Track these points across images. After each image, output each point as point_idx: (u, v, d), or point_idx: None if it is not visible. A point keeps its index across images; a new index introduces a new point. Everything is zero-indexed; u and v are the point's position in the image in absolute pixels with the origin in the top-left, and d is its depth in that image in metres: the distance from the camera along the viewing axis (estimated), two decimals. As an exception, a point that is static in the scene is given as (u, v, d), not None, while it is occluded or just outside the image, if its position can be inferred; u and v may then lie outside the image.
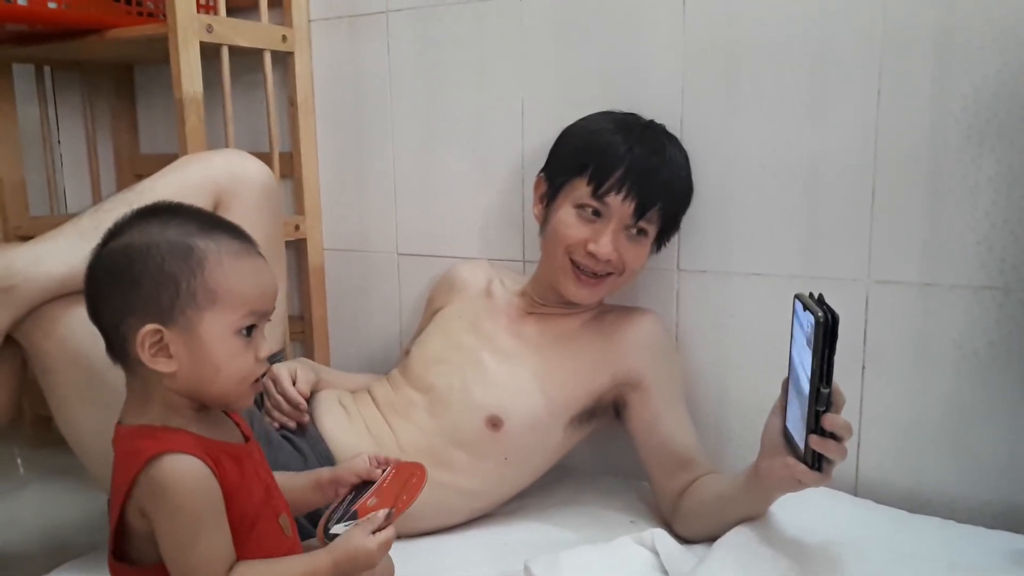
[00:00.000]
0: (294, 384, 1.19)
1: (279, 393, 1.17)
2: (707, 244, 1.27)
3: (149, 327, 0.73)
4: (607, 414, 1.20)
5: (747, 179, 1.23)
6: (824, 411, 0.85)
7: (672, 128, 1.25)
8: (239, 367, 0.77)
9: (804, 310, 0.87)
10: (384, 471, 0.90)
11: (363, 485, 0.89)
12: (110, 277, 0.76)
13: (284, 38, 1.54)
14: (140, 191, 1.08)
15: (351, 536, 0.77)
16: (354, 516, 0.83)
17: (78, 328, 1.00)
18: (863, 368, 1.18)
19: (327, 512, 0.87)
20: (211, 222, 0.79)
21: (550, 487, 1.27)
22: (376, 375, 1.35)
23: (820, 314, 0.82)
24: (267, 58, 1.51)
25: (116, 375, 0.99)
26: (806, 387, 0.87)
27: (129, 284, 0.74)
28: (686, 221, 1.27)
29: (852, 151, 1.16)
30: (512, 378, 1.17)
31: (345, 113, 1.59)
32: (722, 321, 1.27)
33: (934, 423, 1.15)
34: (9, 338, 1.00)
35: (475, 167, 1.46)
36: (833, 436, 0.86)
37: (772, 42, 1.19)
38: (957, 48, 1.08)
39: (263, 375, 0.80)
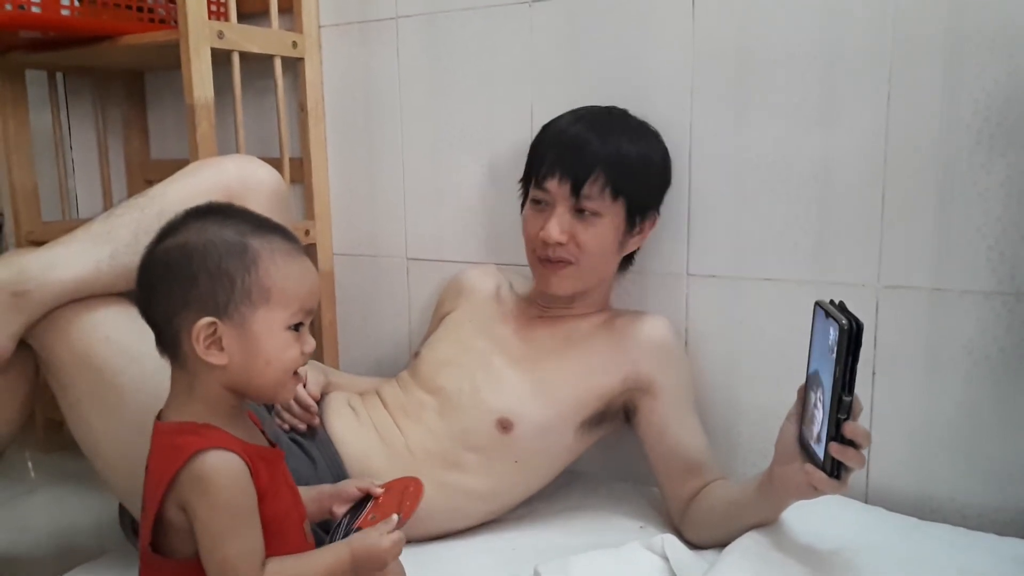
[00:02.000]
0: (304, 387, 1.19)
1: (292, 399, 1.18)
2: (717, 249, 1.27)
3: (205, 320, 0.76)
4: (617, 418, 1.20)
5: (757, 184, 1.23)
6: (845, 419, 0.85)
7: (682, 133, 1.25)
8: (288, 360, 0.80)
9: (827, 317, 0.86)
10: (380, 490, 0.92)
11: (358, 506, 0.90)
12: (168, 273, 0.78)
13: (294, 44, 1.54)
14: (151, 196, 1.09)
15: (367, 534, 0.79)
16: (354, 531, 0.84)
17: (90, 332, 1.01)
18: (873, 374, 1.18)
19: (329, 537, 0.88)
20: (264, 224, 0.82)
21: (559, 492, 1.27)
22: (385, 379, 1.36)
23: (845, 322, 0.82)
24: (277, 64, 1.52)
25: (127, 379, 1.01)
26: (824, 395, 0.86)
27: (187, 280, 0.77)
28: (695, 225, 1.28)
29: (862, 156, 1.16)
30: (522, 381, 1.17)
31: (355, 118, 1.59)
32: (732, 326, 1.27)
33: (944, 429, 1.15)
34: (21, 342, 1.01)
35: (484, 172, 1.46)
36: (852, 444, 0.86)
37: (782, 47, 1.19)
38: (968, 53, 1.08)
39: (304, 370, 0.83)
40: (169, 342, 0.80)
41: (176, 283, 0.77)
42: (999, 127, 1.07)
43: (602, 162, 1.14)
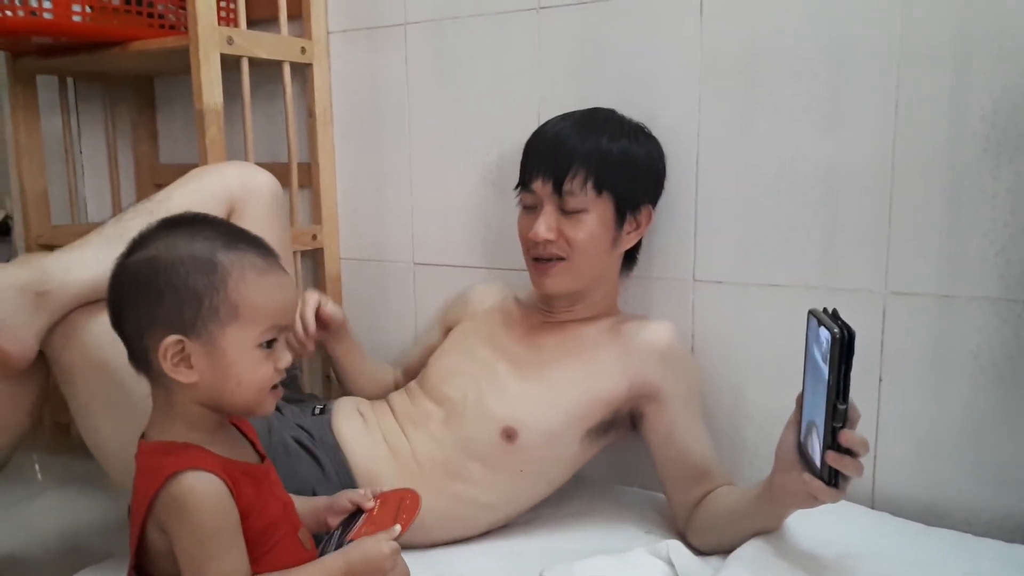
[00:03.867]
0: (320, 311, 1.26)
1: (299, 315, 1.19)
2: (723, 255, 1.27)
3: (171, 338, 0.75)
4: (624, 426, 1.20)
5: (764, 190, 1.23)
6: (841, 427, 0.85)
7: (689, 139, 1.26)
8: (259, 378, 0.78)
9: (819, 326, 0.86)
10: (373, 503, 0.91)
11: (351, 518, 0.90)
12: (135, 289, 0.77)
13: (303, 50, 1.55)
14: (159, 200, 1.11)
15: (364, 543, 0.78)
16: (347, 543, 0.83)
17: (100, 336, 1.01)
18: (880, 380, 1.18)
19: (320, 549, 0.87)
20: (236, 236, 0.80)
21: (564, 497, 1.27)
22: (391, 366, 1.43)
23: (836, 330, 0.82)
24: (286, 70, 1.53)
25: (137, 383, 1.00)
26: (821, 403, 0.86)
27: (153, 297, 0.75)
28: (702, 231, 1.28)
29: (870, 162, 1.16)
30: (527, 389, 1.17)
31: (363, 124, 1.60)
32: (738, 332, 1.27)
33: (951, 436, 1.15)
34: (33, 346, 1.02)
35: (492, 177, 1.47)
36: (849, 452, 0.86)
37: (790, 52, 1.19)
38: (975, 59, 1.08)
39: (281, 382, 0.81)
40: (140, 358, 0.78)
41: (143, 299, 0.76)
42: (1007, 133, 1.07)
43: (580, 157, 1.15)
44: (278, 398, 0.82)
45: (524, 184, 1.20)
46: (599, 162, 1.15)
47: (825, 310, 0.87)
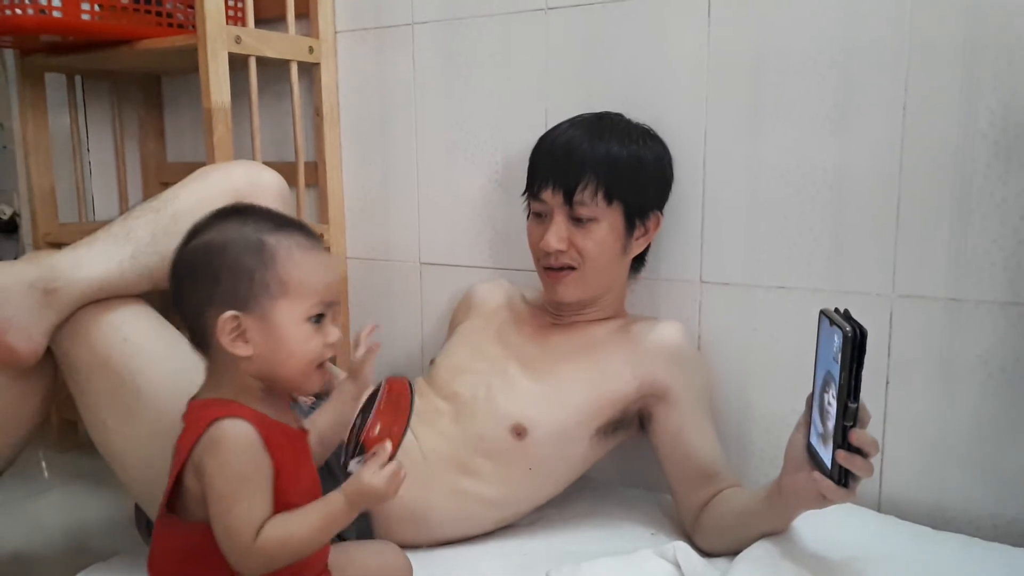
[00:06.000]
0: None
1: None
2: (731, 256, 1.27)
3: (228, 314, 0.80)
4: (632, 426, 1.20)
5: (771, 191, 1.23)
6: (851, 426, 0.85)
7: (696, 141, 1.26)
8: (309, 351, 0.82)
9: (831, 325, 0.86)
10: (379, 388, 0.92)
11: (366, 407, 0.90)
12: (192, 273, 0.82)
13: (311, 49, 1.55)
14: (166, 199, 1.11)
15: (360, 475, 0.80)
16: (363, 449, 0.85)
17: (109, 334, 1.02)
18: (887, 383, 1.18)
19: (343, 447, 0.89)
20: (282, 220, 0.85)
21: (571, 498, 1.27)
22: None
23: (849, 329, 0.82)
24: (294, 69, 1.53)
25: (144, 381, 1.02)
26: (831, 403, 0.86)
27: (210, 278, 0.81)
28: (709, 232, 1.27)
29: (877, 164, 1.15)
30: (537, 387, 1.17)
31: (370, 124, 1.60)
32: (745, 334, 1.27)
33: (959, 439, 1.14)
34: (42, 343, 1.02)
35: (498, 177, 1.47)
36: (860, 452, 0.86)
37: (797, 53, 1.19)
38: (985, 63, 1.08)
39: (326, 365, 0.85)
40: (200, 337, 0.83)
41: (201, 281, 0.81)
42: (1017, 138, 1.07)
43: (591, 167, 1.15)
44: (324, 379, 0.85)
45: (533, 193, 1.20)
46: (609, 172, 1.15)
47: (836, 310, 0.87)
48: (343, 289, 1.65)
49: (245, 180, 1.16)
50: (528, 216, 1.25)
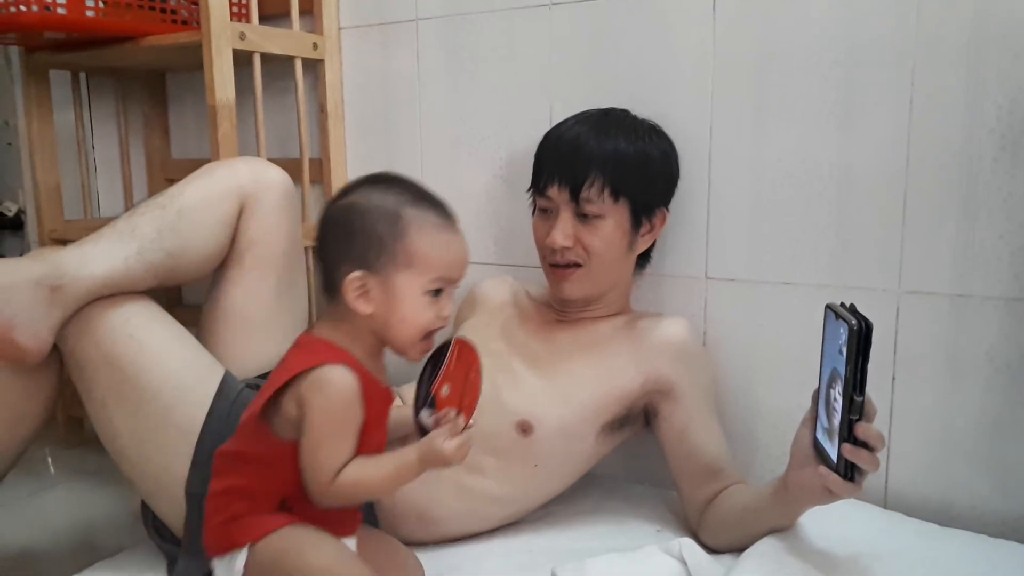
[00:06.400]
0: None
1: None
2: (736, 252, 1.27)
3: (356, 274, 0.87)
4: (638, 423, 1.20)
5: (777, 187, 1.23)
6: (857, 420, 0.85)
7: (702, 137, 1.25)
8: (421, 320, 0.89)
9: (836, 319, 0.86)
10: (447, 344, 0.95)
11: (435, 359, 0.94)
12: (335, 228, 0.90)
13: (315, 46, 1.55)
14: (171, 196, 1.11)
15: (434, 439, 0.84)
16: (433, 402, 0.90)
17: (114, 330, 1.02)
18: (893, 379, 1.17)
19: (414, 396, 0.95)
20: (422, 196, 0.91)
21: (576, 495, 1.27)
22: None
23: (854, 322, 0.82)
24: (298, 65, 1.53)
25: (150, 378, 1.03)
26: (837, 398, 0.86)
27: (347, 237, 0.88)
28: (715, 229, 1.27)
29: (884, 160, 1.15)
30: (543, 384, 1.17)
31: (374, 120, 1.60)
32: (751, 330, 1.27)
33: (965, 436, 1.14)
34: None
35: (503, 174, 1.47)
36: (866, 446, 0.85)
37: (803, 49, 1.19)
38: (992, 58, 1.07)
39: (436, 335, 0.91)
40: (331, 285, 0.90)
41: (339, 238, 0.89)
42: (1023, 133, 1.06)
43: (598, 165, 1.14)
44: (428, 350, 0.92)
45: (539, 189, 1.20)
46: (616, 169, 1.15)
47: (843, 304, 0.87)
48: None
49: (250, 177, 1.17)
50: (533, 212, 1.25)
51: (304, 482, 0.84)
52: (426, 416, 0.90)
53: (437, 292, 0.89)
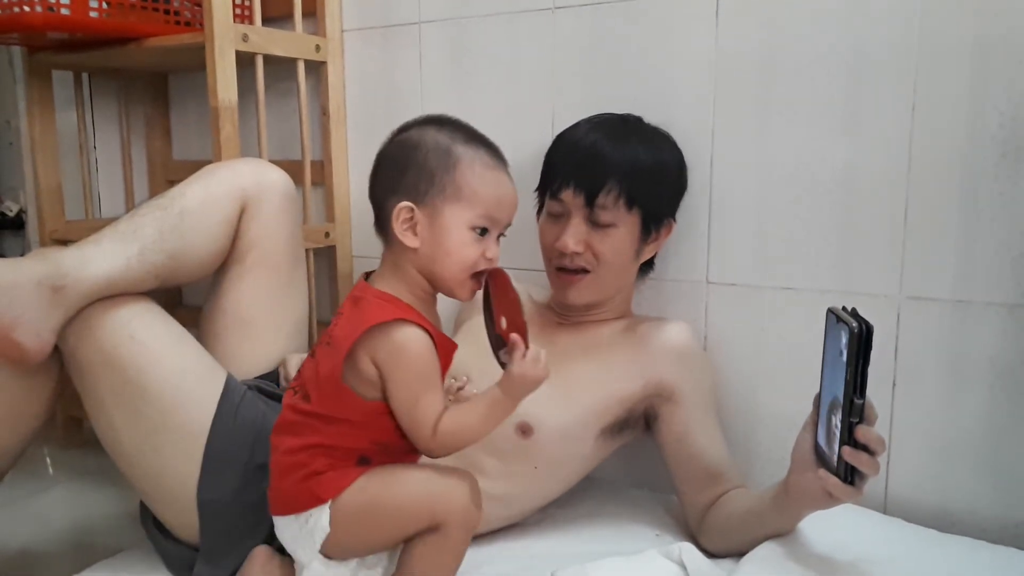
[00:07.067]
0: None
1: (283, 379, 1.21)
2: (737, 257, 1.27)
3: (405, 204, 0.88)
4: (638, 426, 1.20)
5: (779, 192, 1.23)
6: (858, 423, 0.85)
7: (704, 141, 1.25)
8: (466, 256, 0.89)
9: (837, 322, 0.87)
10: (486, 287, 0.95)
11: (486, 306, 0.94)
12: (387, 162, 0.92)
13: (317, 48, 1.55)
14: (172, 196, 1.11)
15: (509, 370, 0.87)
16: (503, 342, 0.89)
17: (115, 331, 1.02)
18: (894, 385, 1.17)
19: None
20: (475, 136, 0.93)
21: (576, 498, 1.27)
22: None
23: (855, 324, 0.82)
24: (300, 67, 1.53)
25: (150, 378, 1.02)
26: (838, 402, 0.86)
27: (399, 170, 0.90)
28: (716, 233, 1.27)
29: (886, 165, 1.15)
30: (543, 386, 1.15)
31: (376, 122, 1.60)
32: (752, 335, 1.27)
33: (966, 441, 1.14)
34: (49, 340, 1.02)
35: (505, 177, 1.46)
36: (866, 449, 0.85)
37: (806, 54, 1.19)
38: (995, 63, 1.08)
39: (484, 275, 0.91)
40: (382, 222, 0.92)
41: (391, 171, 0.91)
42: (1025, 139, 1.07)
43: (616, 173, 1.14)
44: (476, 290, 0.92)
45: (552, 192, 1.18)
46: (632, 179, 1.15)
47: (844, 308, 0.87)
48: (347, 288, 1.65)
49: (252, 178, 1.17)
50: (539, 214, 1.25)
51: (412, 439, 0.87)
52: (504, 357, 0.90)
53: (483, 232, 0.90)
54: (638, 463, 1.33)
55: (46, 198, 1.72)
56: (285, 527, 0.91)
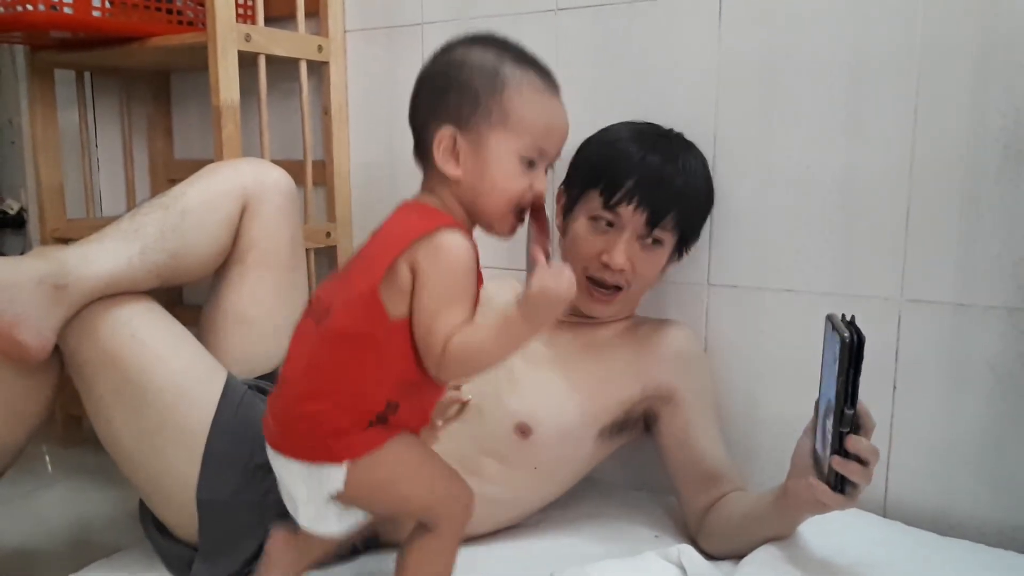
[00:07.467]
0: None
1: None
2: (738, 259, 1.27)
3: (447, 129, 0.81)
4: (637, 427, 1.20)
5: (780, 195, 1.23)
6: (847, 432, 0.85)
7: (706, 143, 1.25)
8: (512, 188, 0.83)
9: (832, 331, 0.87)
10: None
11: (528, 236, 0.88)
12: (429, 84, 0.85)
13: (320, 48, 1.56)
14: (174, 196, 1.12)
15: (529, 286, 0.78)
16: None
17: (116, 330, 1.02)
18: (894, 388, 1.17)
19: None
20: (526, 57, 0.85)
21: (575, 500, 1.27)
22: None
23: (846, 335, 0.82)
24: (303, 67, 1.53)
25: (151, 377, 1.03)
26: (831, 409, 0.86)
27: (440, 91, 0.83)
28: (717, 235, 1.27)
29: (888, 168, 1.15)
30: (543, 386, 1.16)
31: (378, 123, 1.60)
32: (752, 337, 1.27)
33: (965, 445, 1.14)
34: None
35: (506, 179, 1.46)
36: (858, 459, 0.85)
37: (808, 57, 1.19)
38: (996, 66, 1.08)
39: (526, 214, 0.86)
40: (422, 149, 0.85)
41: (433, 93, 0.84)
42: (1027, 142, 1.07)
43: (680, 200, 1.15)
44: (517, 227, 0.86)
45: (606, 202, 1.14)
46: (690, 207, 1.17)
47: (843, 316, 0.87)
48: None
49: (253, 178, 1.17)
50: (565, 215, 1.22)
51: (422, 352, 0.79)
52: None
53: (531, 164, 0.83)
54: (637, 464, 1.33)
55: (47, 197, 1.72)
56: (285, 465, 0.85)
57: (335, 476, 0.81)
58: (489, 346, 0.79)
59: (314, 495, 0.83)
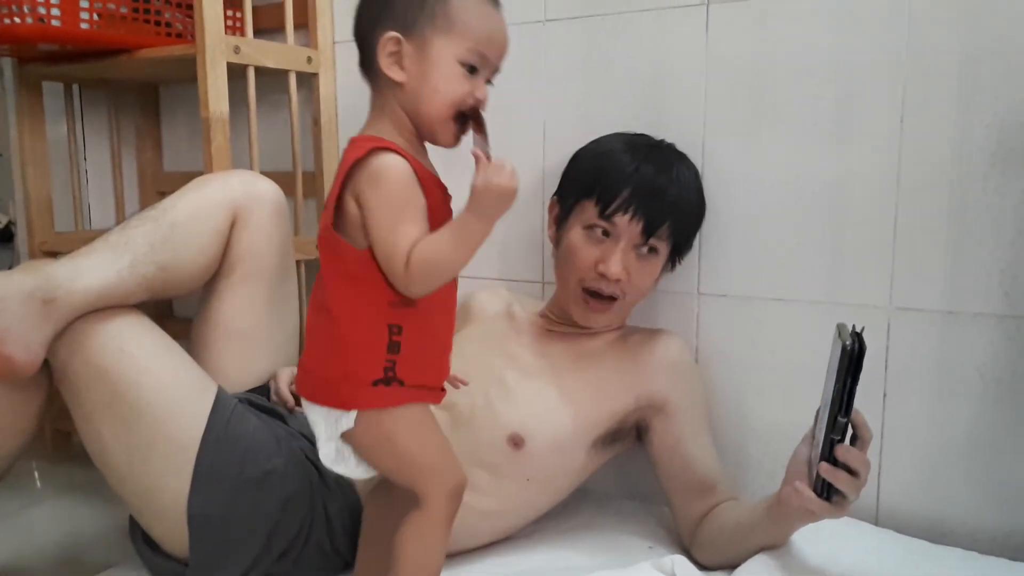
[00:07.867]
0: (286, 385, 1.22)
1: (274, 392, 1.20)
2: (728, 268, 1.27)
3: (391, 34, 0.83)
4: (630, 437, 1.20)
5: (769, 204, 1.23)
6: (839, 440, 0.85)
7: (695, 152, 1.26)
8: (453, 92, 0.84)
9: (838, 337, 0.87)
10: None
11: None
12: None
13: (309, 59, 1.56)
14: (163, 208, 1.11)
15: (473, 184, 0.82)
16: None
17: (105, 344, 1.02)
18: (884, 396, 1.18)
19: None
20: None
21: (568, 511, 1.26)
22: None
23: (848, 341, 0.82)
24: (292, 79, 1.53)
25: (140, 392, 1.02)
26: (827, 416, 0.86)
27: None
28: (706, 244, 1.28)
29: (875, 177, 1.16)
30: (535, 396, 1.16)
31: (368, 134, 1.60)
32: (743, 346, 1.27)
33: (956, 452, 1.14)
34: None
35: (496, 189, 1.46)
36: (848, 469, 0.85)
37: (795, 67, 1.20)
38: (982, 75, 1.09)
39: (467, 124, 0.87)
40: (367, 60, 0.87)
41: (377, 1, 0.86)
42: (1013, 151, 1.08)
43: (675, 210, 1.16)
44: (460, 136, 0.88)
45: (602, 212, 1.14)
46: (685, 219, 1.18)
47: (854, 327, 0.87)
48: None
49: (242, 190, 1.17)
50: (558, 226, 1.23)
51: (388, 276, 0.82)
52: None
53: (472, 70, 0.85)
54: (630, 475, 1.33)
55: (36, 210, 1.71)
56: (309, 407, 0.88)
57: (346, 419, 0.85)
58: (448, 252, 0.81)
59: (331, 433, 0.86)
